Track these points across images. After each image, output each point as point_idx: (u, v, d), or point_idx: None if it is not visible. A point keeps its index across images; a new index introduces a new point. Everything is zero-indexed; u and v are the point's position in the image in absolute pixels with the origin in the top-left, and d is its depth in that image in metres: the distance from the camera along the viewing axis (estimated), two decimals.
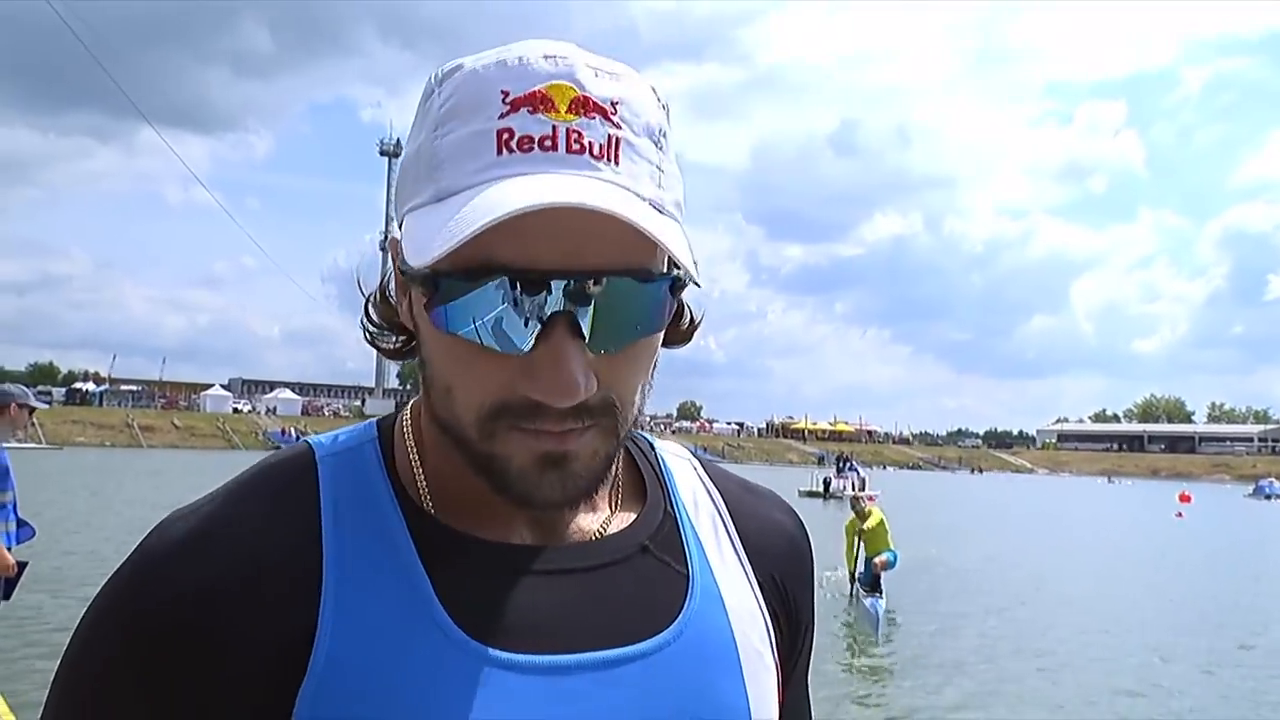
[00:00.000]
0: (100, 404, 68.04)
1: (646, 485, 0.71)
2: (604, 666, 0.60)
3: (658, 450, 0.75)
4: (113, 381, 79.81)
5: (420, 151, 0.57)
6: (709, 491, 0.73)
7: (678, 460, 0.75)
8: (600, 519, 0.66)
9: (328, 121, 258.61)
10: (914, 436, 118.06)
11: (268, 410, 74.68)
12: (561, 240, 0.53)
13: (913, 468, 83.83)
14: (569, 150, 0.54)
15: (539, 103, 0.55)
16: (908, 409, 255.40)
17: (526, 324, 0.54)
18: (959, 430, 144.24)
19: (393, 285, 0.65)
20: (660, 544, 0.67)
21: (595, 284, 0.54)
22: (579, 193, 0.51)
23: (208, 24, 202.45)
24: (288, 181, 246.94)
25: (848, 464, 38.34)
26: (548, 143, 0.54)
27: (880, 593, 10.53)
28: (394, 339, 0.65)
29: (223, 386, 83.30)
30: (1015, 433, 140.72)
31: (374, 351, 0.70)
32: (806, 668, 0.78)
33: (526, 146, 0.54)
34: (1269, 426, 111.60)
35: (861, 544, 11.12)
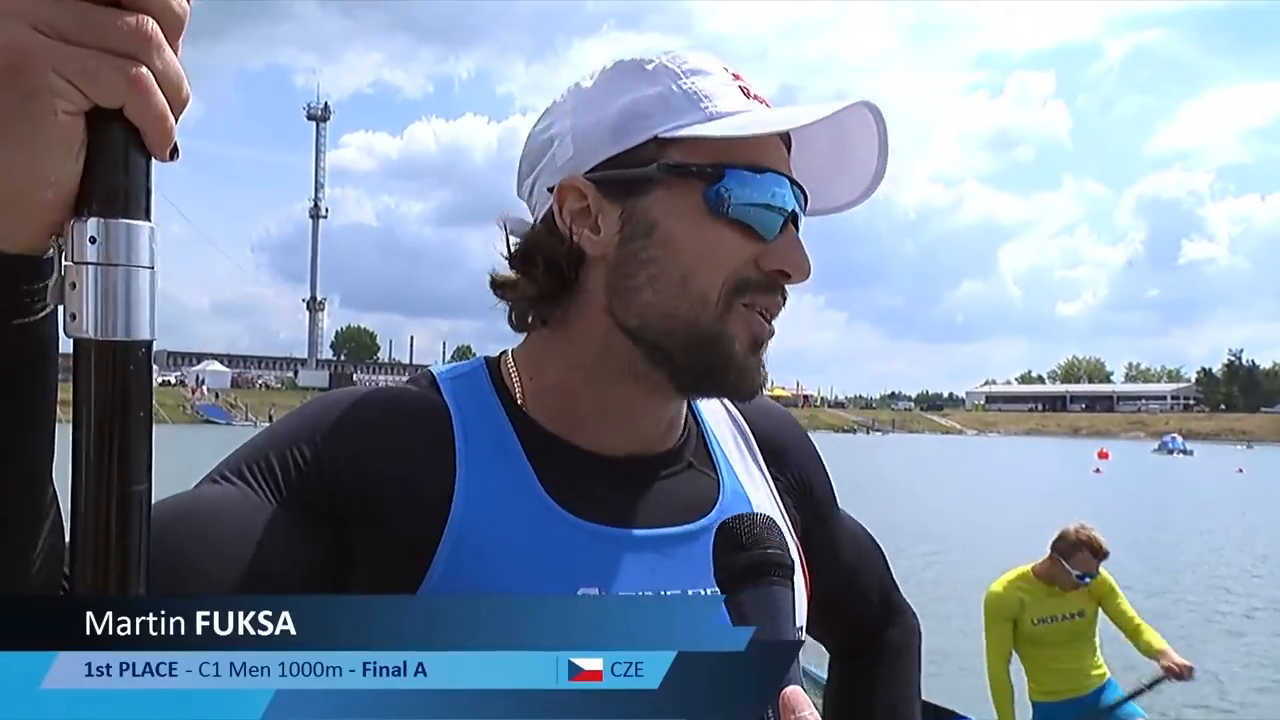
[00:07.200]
0: None
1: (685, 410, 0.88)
2: (663, 541, 0.78)
3: None
4: None
5: (667, 93, 0.74)
6: (728, 410, 0.92)
7: None
8: (661, 439, 0.83)
9: (259, 88, 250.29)
10: (848, 400, 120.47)
11: (197, 382, 72.71)
12: (793, 168, 0.77)
13: (847, 431, 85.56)
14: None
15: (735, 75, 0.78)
16: (842, 374, 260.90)
17: (777, 215, 0.74)
18: (892, 394, 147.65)
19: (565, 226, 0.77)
20: (698, 458, 0.86)
21: (805, 207, 0.77)
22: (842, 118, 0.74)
23: None
24: (218, 149, 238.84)
25: None
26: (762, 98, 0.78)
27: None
28: (537, 285, 0.78)
29: None
30: (946, 395, 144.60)
31: (307, 322, 0.84)
32: (831, 510, 0.98)
33: (757, 97, 0.77)
34: (1181, 385, 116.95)
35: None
